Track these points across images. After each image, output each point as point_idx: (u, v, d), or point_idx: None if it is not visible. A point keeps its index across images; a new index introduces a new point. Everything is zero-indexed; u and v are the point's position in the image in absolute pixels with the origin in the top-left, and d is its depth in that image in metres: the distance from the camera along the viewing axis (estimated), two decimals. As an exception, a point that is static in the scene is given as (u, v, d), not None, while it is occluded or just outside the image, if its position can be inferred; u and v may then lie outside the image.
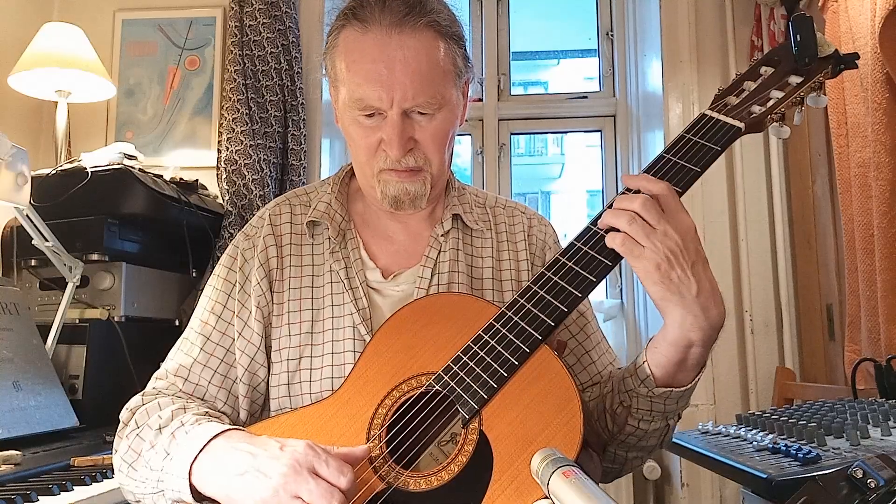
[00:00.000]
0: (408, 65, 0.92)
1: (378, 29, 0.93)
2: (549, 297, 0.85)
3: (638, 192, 0.85)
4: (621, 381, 0.91)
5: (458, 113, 1.02)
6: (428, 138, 0.97)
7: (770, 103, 0.90)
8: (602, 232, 0.86)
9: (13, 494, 1.07)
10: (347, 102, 0.97)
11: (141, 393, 0.99)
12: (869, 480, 0.68)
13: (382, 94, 0.93)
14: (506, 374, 0.82)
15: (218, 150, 2.35)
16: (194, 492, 0.83)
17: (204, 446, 0.84)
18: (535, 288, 0.87)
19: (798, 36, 0.89)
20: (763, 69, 0.94)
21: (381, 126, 0.96)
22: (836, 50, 0.90)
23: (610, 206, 0.87)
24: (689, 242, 0.82)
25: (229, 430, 0.86)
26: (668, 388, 0.86)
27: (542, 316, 0.84)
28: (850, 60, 0.91)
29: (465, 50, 1.01)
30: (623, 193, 0.86)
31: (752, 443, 1.16)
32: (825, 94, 0.92)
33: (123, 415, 0.96)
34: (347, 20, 0.97)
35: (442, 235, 1.06)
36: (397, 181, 0.99)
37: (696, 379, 0.88)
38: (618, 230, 0.83)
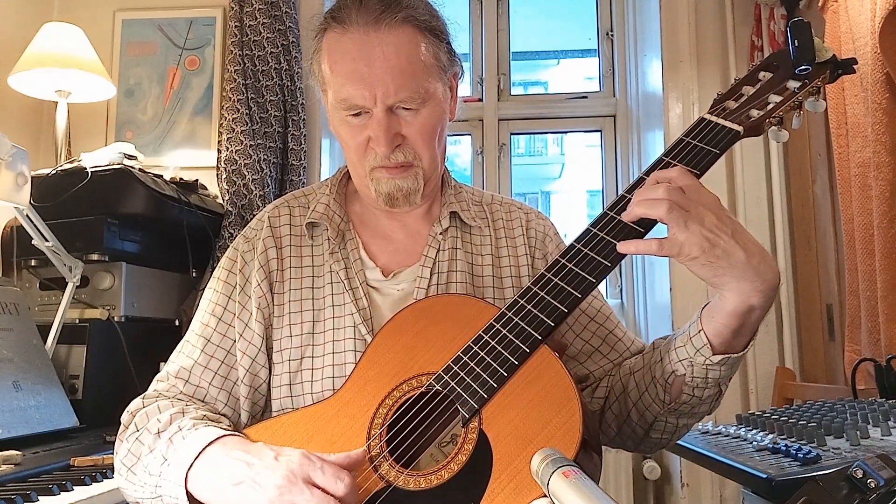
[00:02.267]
0: (387, 61, 0.93)
1: (356, 28, 0.94)
2: (548, 298, 0.85)
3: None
4: (674, 351, 0.90)
5: (446, 107, 1.03)
6: (415, 133, 0.98)
7: (768, 107, 0.90)
8: (602, 234, 0.86)
9: (13, 494, 1.07)
10: (334, 104, 0.98)
11: (142, 395, 0.99)
12: (869, 480, 0.68)
13: (365, 92, 0.94)
14: (506, 374, 0.82)
15: (218, 150, 2.35)
16: (191, 498, 0.84)
17: (199, 453, 0.84)
18: (535, 289, 0.87)
19: (796, 41, 0.90)
20: (761, 74, 0.94)
21: (367, 124, 0.97)
22: (834, 55, 0.91)
23: (617, 205, 0.87)
24: (721, 213, 0.82)
25: (225, 436, 0.86)
26: (726, 356, 0.86)
27: (542, 316, 0.84)
28: (848, 66, 0.92)
29: (450, 44, 1.02)
30: (642, 188, 0.85)
31: (752, 443, 1.16)
32: (824, 99, 0.93)
33: (124, 417, 0.97)
34: (328, 23, 0.98)
35: (440, 234, 1.06)
36: (389, 178, 0.99)
37: (751, 342, 0.88)
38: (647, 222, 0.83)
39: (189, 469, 0.83)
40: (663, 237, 0.82)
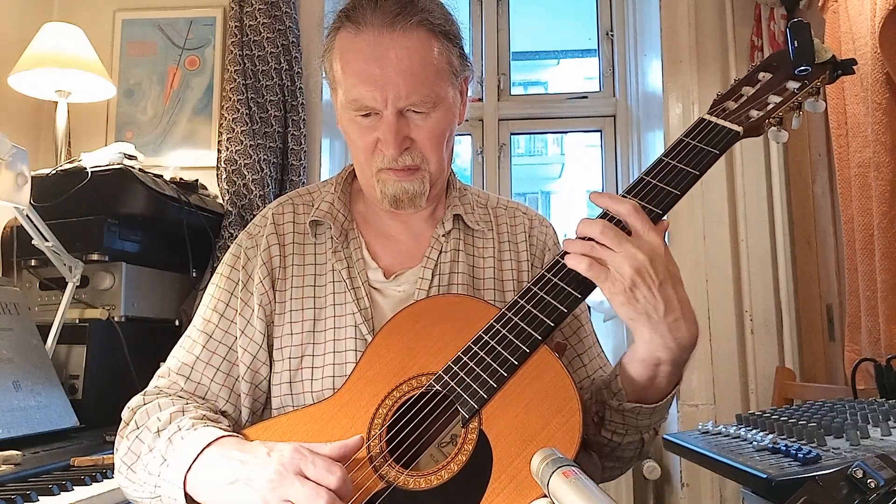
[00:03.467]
0: (401, 64, 0.93)
1: (371, 30, 0.94)
2: (548, 299, 0.85)
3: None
4: (598, 392, 0.92)
5: (456, 111, 1.02)
6: (424, 137, 0.97)
7: (768, 108, 0.90)
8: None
9: (13, 494, 1.07)
10: (344, 103, 0.98)
11: (143, 392, 0.99)
12: (869, 480, 0.68)
13: (376, 94, 0.93)
14: (506, 374, 0.82)
15: (218, 150, 2.35)
16: (189, 500, 0.84)
17: (198, 455, 0.84)
18: (534, 289, 0.87)
19: (796, 42, 0.90)
20: (761, 74, 0.94)
21: (377, 126, 0.96)
22: (834, 56, 0.91)
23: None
24: (657, 262, 0.81)
25: (223, 437, 0.86)
26: (639, 405, 0.87)
27: (542, 317, 0.84)
28: (848, 66, 0.92)
29: (462, 48, 1.01)
30: (584, 219, 0.86)
31: (752, 443, 1.16)
32: (824, 100, 0.93)
33: (125, 414, 0.97)
34: (342, 22, 0.97)
35: (443, 236, 1.06)
36: (395, 180, 0.99)
37: (669, 396, 0.88)
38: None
39: (188, 471, 0.84)
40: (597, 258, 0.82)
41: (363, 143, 0.99)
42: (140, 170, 1.96)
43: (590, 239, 0.84)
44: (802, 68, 0.90)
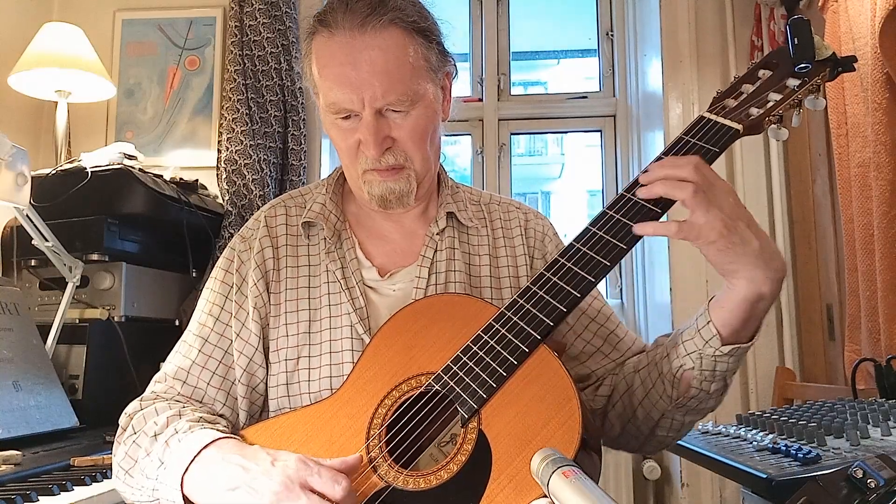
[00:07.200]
0: (374, 64, 0.93)
1: (343, 32, 0.94)
2: (548, 297, 0.85)
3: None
4: (681, 345, 0.90)
5: (438, 107, 1.02)
6: (405, 135, 0.97)
7: (768, 105, 0.90)
8: (601, 233, 0.86)
9: (13, 494, 1.07)
10: (324, 107, 0.99)
11: (139, 398, 0.99)
12: (869, 480, 0.68)
13: (353, 96, 0.94)
14: (505, 374, 0.82)
15: (218, 150, 2.35)
16: (187, 502, 0.84)
17: (194, 457, 0.84)
18: (534, 288, 0.87)
19: (795, 39, 0.90)
20: (761, 72, 0.94)
21: (357, 127, 0.97)
22: (834, 53, 0.91)
23: (616, 204, 0.87)
24: (738, 201, 0.83)
25: (220, 438, 0.86)
26: (735, 346, 0.86)
27: (542, 316, 0.84)
28: (848, 63, 0.92)
29: (441, 43, 1.01)
30: (664, 161, 0.86)
31: (752, 443, 1.16)
32: (824, 97, 0.93)
33: (122, 420, 0.97)
34: (316, 27, 0.98)
35: (437, 234, 1.06)
36: (381, 181, 0.99)
37: (757, 334, 0.89)
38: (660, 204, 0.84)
39: (185, 473, 0.83)
40: (682, 220, 0.83)
41: (346, 146, 0.99)
42: (140, 170, 1.96)
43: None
44: (803, 65, 0.90)
